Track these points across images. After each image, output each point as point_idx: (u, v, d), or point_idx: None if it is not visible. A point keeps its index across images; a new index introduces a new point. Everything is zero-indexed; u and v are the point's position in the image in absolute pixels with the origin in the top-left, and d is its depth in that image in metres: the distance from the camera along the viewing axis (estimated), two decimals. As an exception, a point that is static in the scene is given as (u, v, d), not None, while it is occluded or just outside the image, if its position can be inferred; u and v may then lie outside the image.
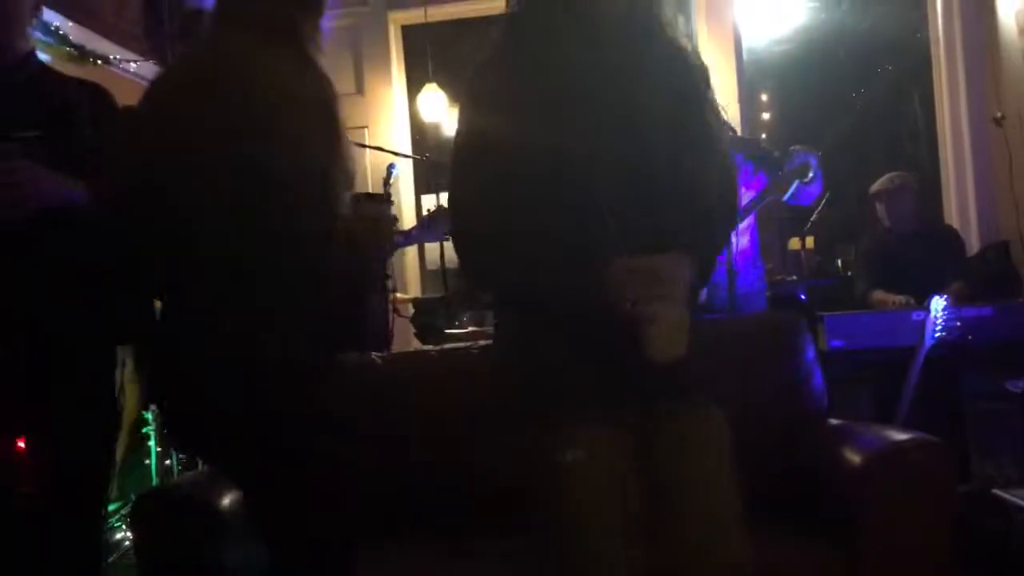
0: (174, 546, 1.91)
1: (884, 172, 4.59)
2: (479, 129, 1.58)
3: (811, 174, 3.44)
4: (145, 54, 4.75)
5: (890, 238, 4.40)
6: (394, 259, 4.35)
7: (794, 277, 5.30)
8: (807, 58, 6.53)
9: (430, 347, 3.61)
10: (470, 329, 4.27)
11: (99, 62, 4.40)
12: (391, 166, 3.88)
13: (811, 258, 5.73)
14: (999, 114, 4.48)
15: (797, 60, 6.57)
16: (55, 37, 4.13)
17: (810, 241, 5.75)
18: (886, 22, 6.06)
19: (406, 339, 4.71)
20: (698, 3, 5.33)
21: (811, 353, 2.39)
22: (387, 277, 3.62)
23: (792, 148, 3.55)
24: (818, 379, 2.36)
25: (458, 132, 1.62)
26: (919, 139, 5.91)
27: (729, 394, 1.53)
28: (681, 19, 2.05)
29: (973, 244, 4.83)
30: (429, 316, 4.44)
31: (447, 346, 3.34)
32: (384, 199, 2.20)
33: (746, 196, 3.57)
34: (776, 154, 3.71)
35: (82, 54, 4.31)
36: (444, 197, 5.21)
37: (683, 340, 1.41)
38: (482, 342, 3.15)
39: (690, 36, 5.29)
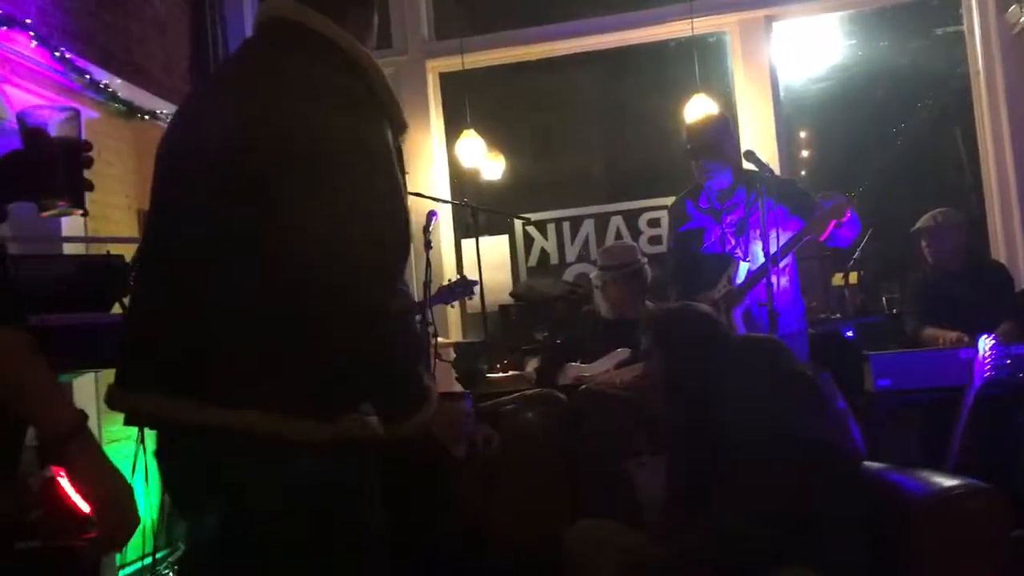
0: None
1: (929, 207, 4.54)
2: None
3: (847, 215, 3.42)
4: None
5: (936, 275, 4.33)
6: (453, 307, 4.40)
7: (838, 315, 5.23)
8: (845, 95, 6.51)
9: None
10: (511, 373, 4.28)
11: (147, 117, 4.53)
12: (431, 213, 3.94)
13: (855, 295, 5.65)
14: (1044, 148, 4.42)
15: (835, 98, 6.55)
16: (104, 94, 4.26)
17: (853, 277, 5.68)
18: (925, 57, 6.02)
19: (448, 383, 4.73)
20: (734, 44, 5.36)
21: (839, 404, 2.34)
22: (428, 324, 3.66)
23: (820, 194, 3.54)
24: (851, 430, 2.30)
25: None
26: (963, 173, 5.84)
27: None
28: None
29: (1022, 279, 4.74)
30: (470, 360, 4.47)
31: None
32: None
33: (782, 237, 3.55)
34: (812, 195, 3.70)
35: (130, 110, 4.45)
36: (484, 240, 5.26)
37: None
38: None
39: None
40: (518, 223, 5.86)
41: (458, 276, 4.29)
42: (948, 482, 1.98)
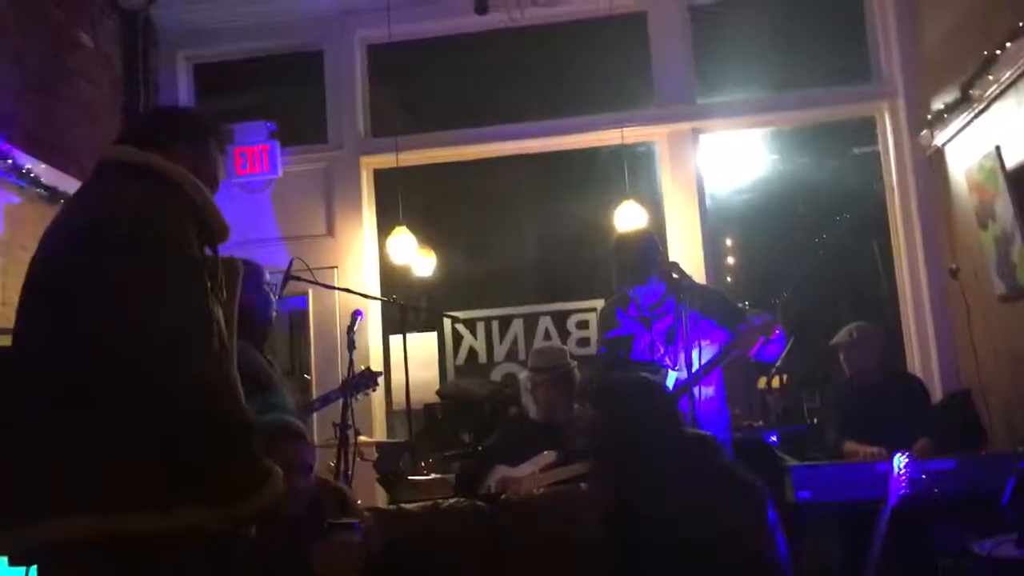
0: None
1: (848, 318, 4.66)
2: None
3: (775, 333, 3.50)
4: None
5: (854, 387, 4.42)
6: (358, 400, 4.30)
7: (761, 423, 5.29)
8: (768, 207, 6.77)
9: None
10: (433, 476, 4.18)
11: (70, 203, 4.43)
12: (356, 312, 3.90)
13: (778, 402, 5.74)
14: (954, 266, 4.60)
15: (759, 209, 6.80)
16: (26, 179, 4.17)
17: (776, 381, 5.78)
18: (843, 174, 6.32)
19: (368, 484, 4.62)
20: (662, 154, 5.51)
21: (772, 515, 2.34)
22: (348, 427, 3.58)
23: (749, 310, 3.62)
24: (779, 544, 2.30)
25: None
26: (880, 285, 6.05)
27: None
28: None
29: (937, 391, 4.87)
30: (392, 461, 4.37)
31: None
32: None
33: (709, 350, 3.60)
34: (739, 306, 3.78)
35: (53, 196, 4.34)
36: (412, 337, 5.21)
37: None
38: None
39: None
40: (447, 321, 5.84)
41: (362, 368, 4.21)
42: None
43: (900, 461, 3.27)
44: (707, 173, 5.58)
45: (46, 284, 1.81)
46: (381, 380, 4.63)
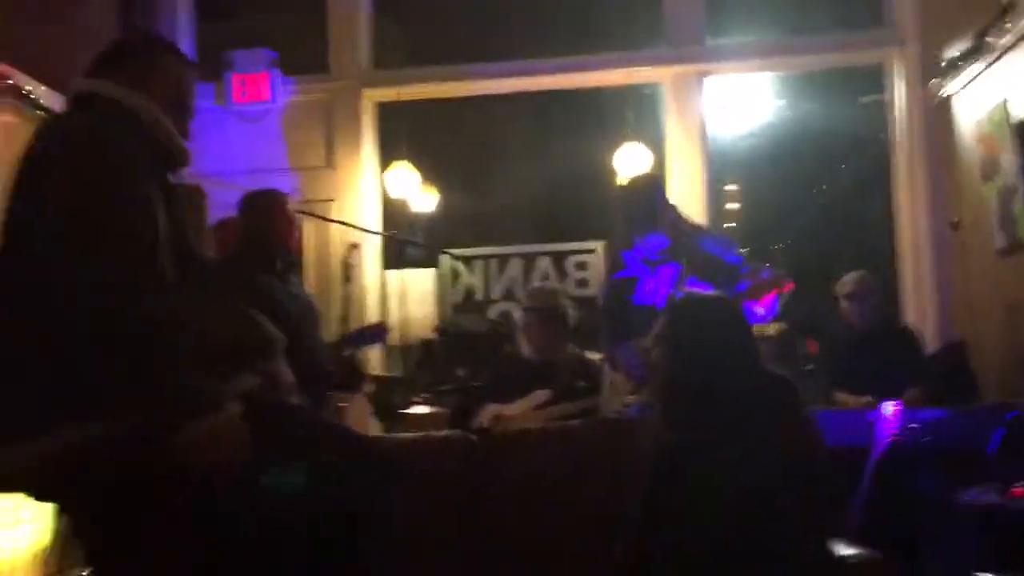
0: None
1: (844, 268, 4.64)
2: None
3: (786, 287, 3.51)
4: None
5: (852, 337, 4.44)
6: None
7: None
8: (771, 153, 6.71)
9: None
10: (428, 411, 4.22)
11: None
12: (354, 246, 3.90)
13: (774, 348, 5.75)
14: (956, 219, 4.58)
15: (762, 154, 6.73)
16: (26, 101, 4.13)
17: (773, 328, 5.79)
18: (849, 122, 6.25)
19: (363, 418, 4.65)
20: (667, 95, 5.44)
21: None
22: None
23: (755, 265, 3.62)
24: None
25: None
26: (880, 237, 6.03)
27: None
28: None
29: (931, 342, 4.88)
30: (388, 395, 4.42)
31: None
32: None
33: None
34: (737, 254, 3.78)
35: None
36: (410, 273, 5.20)
37: None
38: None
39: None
40: (445, 258, 5.83)
41: (377, 322, 4.20)
42: (845, 551, 2.00)
43: (889, 408, 3.28)
44: (711, 116, 5.52)
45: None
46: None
